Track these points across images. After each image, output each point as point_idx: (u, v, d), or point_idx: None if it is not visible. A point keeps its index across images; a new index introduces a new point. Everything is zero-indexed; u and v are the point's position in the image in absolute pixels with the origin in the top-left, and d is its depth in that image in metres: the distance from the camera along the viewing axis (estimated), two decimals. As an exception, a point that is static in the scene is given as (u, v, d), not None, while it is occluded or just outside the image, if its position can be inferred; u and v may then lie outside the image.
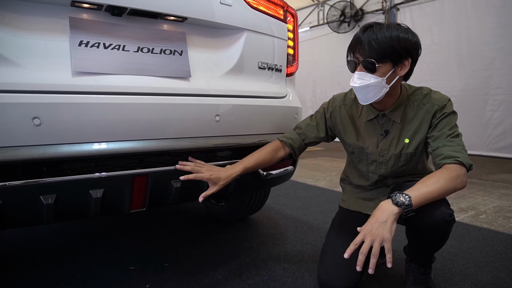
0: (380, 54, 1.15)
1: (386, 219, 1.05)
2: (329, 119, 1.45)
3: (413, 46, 1.18)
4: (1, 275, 1.52)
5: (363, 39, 1.17)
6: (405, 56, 1.17)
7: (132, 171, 1.13)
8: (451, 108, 1.25)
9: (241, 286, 1.43)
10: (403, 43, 1.15)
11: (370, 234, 1.05)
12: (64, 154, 1.01)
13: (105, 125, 1.06)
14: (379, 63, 1.16)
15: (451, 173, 1.12)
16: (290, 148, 1.43)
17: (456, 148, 1.17)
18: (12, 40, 0.97)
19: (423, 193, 1.08)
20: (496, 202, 2.70)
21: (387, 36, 1.14)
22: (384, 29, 1.16)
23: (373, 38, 1.15)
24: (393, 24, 1.19)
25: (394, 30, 1.16)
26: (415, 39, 1.19)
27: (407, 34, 1.17)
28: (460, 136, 1.23)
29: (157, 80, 1.17)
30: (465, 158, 1.15)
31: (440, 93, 1.28)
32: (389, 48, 1.14)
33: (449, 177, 1.11)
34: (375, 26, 1.18)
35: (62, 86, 1.00)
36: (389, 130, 1.31)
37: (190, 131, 1.22)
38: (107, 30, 1.11)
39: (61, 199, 1.05)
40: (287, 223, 2.20)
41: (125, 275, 1.52)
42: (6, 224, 1.03)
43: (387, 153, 1.33)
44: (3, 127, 0.92)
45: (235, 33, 1.38)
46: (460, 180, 1.12)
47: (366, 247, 1.04)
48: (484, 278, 1.48)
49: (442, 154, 1.17)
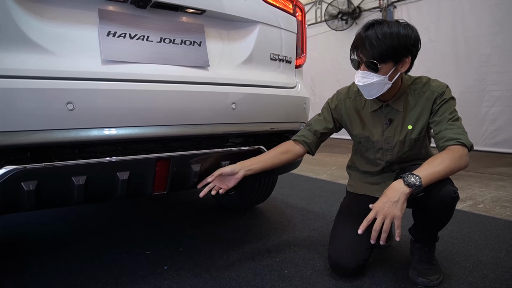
0: (382, 55, 1.22)
1: (398, 198, 1.13)
2: (334, 111, 1.52)
3: (413, 44, 1.24)
4: (23, 260, 1.58)
5: (365, 40, 1.23)
6: (406, 54, 1.25)
7: (155, 155, 1.20)
8: (450, 94, 1.34)
9: (254, 267, 1.50)
10: (404, 42, 1.22)
11: (382, 212, 1.13)
12: (95, 137, 1.08)
13: (132, 111, 1.13)
14: (381, 63, 1.24)
15: (455, 154, 1.20)
16: (305, 145, 1.48)
17: (457, 130, 1.26)
18: (48, 30, 1.03)
19: (431, 173, 1.17)
20: (493, 193, 2.79)
21: (388, 38, 1.20)
22: (385, 29, 1.21)
23: (375, 40, 1.21)
24: (393, 22, 1.24)
25: (394, 30, 1.21)
26: (415, 34, 1.25)
27: (407, 32, 1.22)
28: (460, 119, 1.31)
29: (178, 69, 1.24)
30: (466, 139, 1.24)
31: (438, 80, 1.37)
32: (390, 49, 1.21)
33: (453, 157, 1.20)
34: (377, 26, 1.23)
35: (93, 74, 1.07)
36: (393, 119, 1.39)
37: (209, 118, 1.29)
38: (133, 21, 1.18)
39: (91, 181, 1.11)
40: (293, 211, 2.28)
41: (142, 258, 1.59)
42: (41, 204, 1.09)
43: (392, 140, 1.41)
44: (40, 111, 0.99)
45: (249, 25, 1.45)
46: (463, 160, 1.21)
47: (379, 224, 1.12)
48: (484, 258, 1.57)
49: (445, 137, 1.26)
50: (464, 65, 5.21)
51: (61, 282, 1.38)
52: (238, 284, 1.36)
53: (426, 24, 5.62)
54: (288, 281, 1.38)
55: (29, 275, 1.43)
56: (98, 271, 1.46)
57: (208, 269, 1.48)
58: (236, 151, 1.40)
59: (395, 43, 1.20)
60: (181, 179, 1.33)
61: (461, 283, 1.35)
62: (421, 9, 5.73)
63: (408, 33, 1.22)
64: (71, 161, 1.06)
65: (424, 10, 5.68)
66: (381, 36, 1.21)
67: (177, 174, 1.29)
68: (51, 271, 1.47)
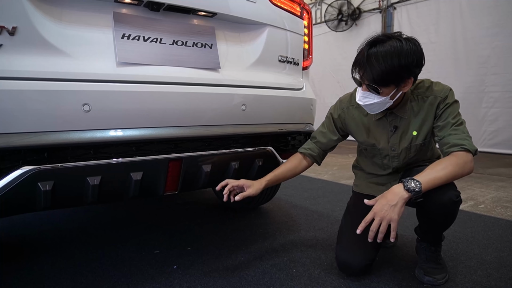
0: (383, 79, 1.20)
1: (396, 202, 1.15)
2: (337, 120, 1.53)
3: (416, 65, 1.20)
4: (33, 258, 1.60)
5: (367, 62, 1.20)
6: (408, 76, 1.23)
7: (168, 156, 1.22)
8: (453, 98, 1.33)
9: (263, 266, 1.52)
10: (406, 65, 1.18)
11: (379, 214, 1.15)
12: (110, 138, 1.10)
13: (145, 112, 1.15)
14: (383, 87, 1.23)
15: (459, 160, 1.21)
16: (311, 157, 1.54)
17: (461, 136, 1.25)
18: (65, 33, 1.05)
19: (432, 179, 1.18)
20: (494, 193, 2.82)
21: (389, 61, 1.16)
22: (387, 51, 1.17)
23: (377, 63, 1.17)
24: (396, 41, 1.19)
25: (397, 51, 1.16)
26: (418, 55, 1.20)
27: (409, 53, 1.18)
28: (463, 123, 1.31)
29: (190, 71, 1.26)
30: (470, 145, 1.23)
31: (441, 84, 1.36)
32: (392, 73, 1.18)
33: (456, 163, 1.20)
34: (379, 46, 1.19)
35: (109, 76, 1.09)
36: (398, 126, 1.39)
37: (220, 119, 1.32)
38: (146, 24, 1.20)
39: (106, 181, 1.13)
40: (297, 211, 2.30)
41: (151, 257, 1.60)
42: (56, 203, 1.11)
43: (398, 147, 1.42)
44: (57, 112, 1.00)
45: (258, 28, 1.47)
46: (467, 166, 1.21)
47: (376, 225, 1.15)
48: (488, 257, 1.60)
49: (449, 143, 1.25)
50: (463, 66, 5.25)
51: (71, 281, 1.39)
52: (247, 282, 1.38)
53: (425, 26, 5.66)
54: (297, 280, 1.40)
55: (39, 274, 1.45)
56: (108, 270, 1.48)
57: (217, 268, 1.49)
58: (246, 152, 1.42)
59: (396, 67, 1.17)
60: (192, 179, 1.35)
61: (466, 282, 1.38)
62: (420, 10, 5.77)
63: (411, 55, 1.18)
64: (87, 162, 1.08)
65: (423, 11, 5.72)
66: (383, 59, 1.17)
67: (188, 174, 1.31)
68: (61, 270, 1.48)
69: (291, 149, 1.66)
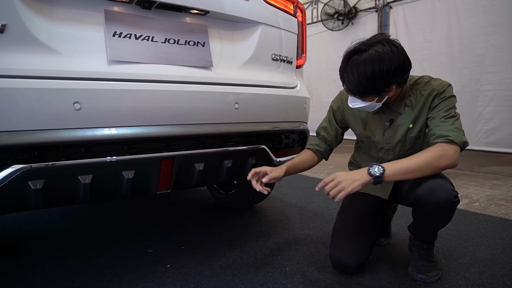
0: (360, 92, 1.24)
1: (358, 180, 1.21)
2: (336, 112, 1.55)
3: (394, 75, 1.20)
4: (26, 259, 1.59)
5: (345, 75, 1.24)
6: (388, 85, 1.23)
7: (160, 154, 1.22)
8: (451, 93, 1.32)
9: (257, 265, 1.52)
10: (382, 78, 1.19)
11: (338, 179, 1.22)
12: (101, 137, 1.09)
13: (137, 110, 1.14)
14: (364, 97, 1.26)
15: (436, 152, 1.20)
16: (318, 153, 1.57)
17: (448, 127, 1.23)
18: (55, 31, 1.05)
19: (399, 168, 1.21)
20: (488, 192, 2.84)
21: (363, 79, 1.19)
22: (361, 68, 1.18)
23: (352, 80, 1.21)
24: (374, 52, 1.18)
25: (369, 67, 1.17)
26: (396, 63, 1.18)
27: (385, 66, 1.17)
28: (456, 116, 1.28)
29: (182, 69, 1.25)
30: (457, 136, 1.21)
31: (441, 79, 1.35)
32: (368, 87, 1.21)
33: (432, 155, 1.20)
34: (356, 58, 1.20)
35: (100, 74, 1.09)
36: (394, 119, 1.40)
37: (212, 117, 1.31)
38: (138, 22, 1.19)
39: (97, 179, 1.12)
40: (292, 210, 2.30)
41: (145, 256, 1.60)
42: (47, 202, 1.10)
43: (393, 140, 1.42)
44: (47, 111, 1.00)
45: (251, 26, 1.47)
46: (447, 158, 1.19)
47: (331, 185, 1.22)
48: (481, 255, 1.60)
49: (435, 134, 1.25)
50: (459, 65, 5.26)
51: (65, 281, 1.39)
52: (240, 281, 1.38)
53: (421, 24, 5.68)
54: (290, 278, 1.40)
55: (32, 273, 1.44)
56: (102, 270, 1.48)
57: (210, 267, 1.49)
58: (239, 150, 1.41)
59: (371, 83, 1.19)
60: (185, 177, 1.34)
61: (459, 279, 1.38)
62: (416, 9, 5.78)
63: (386, 68, 1.17)
64: (77, 160, 1.07)
65: (419, 10, 5.73)
66: (357, 73, 1.19)
67: (181, 173, 1.31)
68: (54, 269, 1.48)
69: (285, 147, 1.67)
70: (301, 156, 1.56)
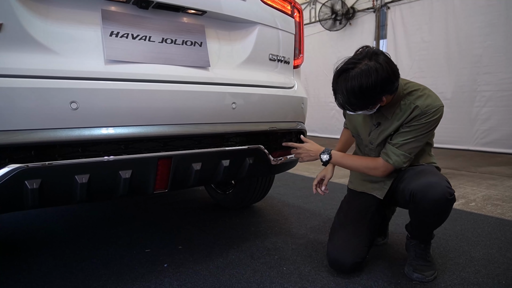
0: (353, 109, 1.30)
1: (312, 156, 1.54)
2: None
3: (381, 89, 1.22)
4: (23, 258, 1.59)
5: (335, 93, 1.30)
6: (377, 99, 1.26)
7: (157, 154, 1.22)
8: (433, 116, 1.30)
9: (254, 264, 1.52)
10: (369, 94, 1.22)
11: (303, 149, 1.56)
12: (98, 136, 1.09)
13: (134, 110, 1.14)
14: (355, 111, 1.32)
15: (372, 164, 1.43)
16: None
17: (398, 152, 1.35)
18: (52, 30, 1.04)
19: (341, 162, 1.51)
20: (484, 192, 2.85)
21: (352, 95, 1.23)
22: (349, 85, 1.22)
23: (341, 96, 1.27)
24: (359, 71, 1.20)
25: (357, 84, 1.20)
26: (382, 77, 1.20)
27: (370, 81, 1.19)
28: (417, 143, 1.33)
29: (179, 69, 1.25)
30: (397, 163, 1.35)
31: (434, 98, 1.32)
32: (358, 103, 1.26)
33: (368, 166, 1.44)
34: (342, 80, 1.24)
35: (97, 73, 1.08)
36: (381, 122, 1.42)
37: (210, 117, 1.31)
38: (135, 22, 1.19)
39: (94, 179, 1.12)
40: (290, 210, 2.31)
41: (142, 256, 1.60)
42: (44, 202, 1.10)
43: (375, 142, 1.46)
44: (44, 110, 1.00)
45: (248, 26, 1.47)
46: (377, 171, 1.42)
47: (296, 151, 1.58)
48: (477, 254, 1.61)
49: (385, 151, 1.39)
50: (456, 65, 5.28)
51: (61, 280, 1.39)
52: (237, 281, 1.38)
53: (419, 25, 5.69)
54: (287, 277, 1.40)
55: (28, 273, 1.44)
56: (98, 269, 1.48)
57: (207, 267, 1.50)
58: (236, 150, 1.42)
59: (360, 100, 1.25)
60: (182, 177, 1.34)
61: (455, 279, 1.39)
62: (414, 9, 5.79)
63: (373, 84, 1.20)
64: (74, 160, 1.07)
65: (417, 10, 5.74)
66: (346, 95, 1.24)
67: (178, 173, 1.31)
68: (51, 269, 1.47)
69: (282, 147, 1.67)
70: (343, 137, 1.75)
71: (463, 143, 5.15)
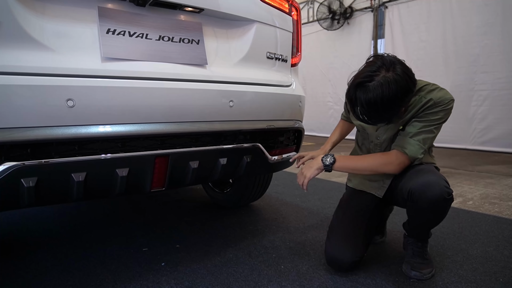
0: (372, 122, 1.26)
1: (313, 167, 1.42)
2: None
3: (402, 99, 1.20)
4: (20, 257, 1.58)
5: (354, 109, 1.25)
6: (398, 109, 1.22)
7: (154, 152, 1.21)
8: (446, 107, 1.30)
9: (251, 263, 1.52)
10: (390, 106, 1.18)
11: (302, 170, 1.47)
12: (95, 134, 1.08)
13: (131, 108, 1.14)
14: (375, 124, 1.32)
15: (386, 159, 1.35)
16: (349, 121, 1.71)
17: (412, 142, 1.30)
18: (49, 28, 1.04)
19: (348, 164, 1.41)
20: (482, 190, 2.86)
21: (371, 109, 1.19)
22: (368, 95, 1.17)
23: (361, 110, 1.21)
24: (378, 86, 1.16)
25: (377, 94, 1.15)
26: (403, 86, 1.17)
27: (391, 92, 1.15)
28: (430, 133, 1.31)
29: (177, 66, 1.25)
30: (412, 152, 1.30)
31: (446, 92, 1.32)
32: (377, 115, 1.22)
33: (380, 162, 1.36)
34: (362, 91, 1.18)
35: (93, 71, 1.08)
36: None
37: (207, 115, 1.31)
38: (132, 19, 1.19)
39: (91, 177, 1.12)
40: (287, 209, 2.30)
41: (139, 255, 1.60)
42: (40, 200, 1.09)
43: (382, 137, 1.45)
44: (40, 108, 0.99)
45: (246, 24, 1.47)
46: (391, 166, 1.34)
47: (299, 176, 1.47)
48: (474, 252, 1.61)
49: (398, 143, 1.35)
50: (453, 64, 5.30)
51: (58, 279, 1.38)
52: (235, 279, 1.38)
53: (416, 24, 5.71)
54: (285, 276, 1.40)
55: (25, 272, 1.43)
56: (96, 268, 1.47)
57: (205, 265, 1.49)
58: (234, 148, 1.41)
59: (379, 113, 1.20)
60: (179, 175, 1.34)
61: (452, 276, 1.39)
62: (411, 9, 5.81)
63: (393, 95, 1.16)
64: (70, 158, 1.07)
65: (414, 10, 5.76)
66: (366, 108, 1.19)
67: (175, 171, 1.30)
68: (47, 268, 1.47)
69: (280, 145, 1.67)
70: (339, 129, 1.75)
71: (460, 142, 5.17)
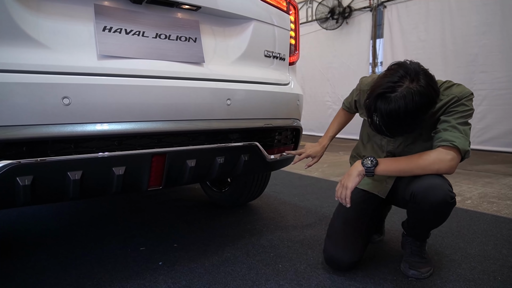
0: (391, 134, 1.24)
1: (353, 173, 1.32)
2: (356, 97, 1.59)
3: (425, 112, 1.17)
4: (17, 257, 1.57)
5: (374, 121, 1.21)
6: (420, 121, 1.19)
7: (151, 150, 1.21)
8: (469, 101, 1.27)
9: (249, 262, 1.51)
10: (412, 119, 1.16)
11: (341, 182, 1.36)
12: (91, 132, 1.08)
13: (127, 106, 1.13)
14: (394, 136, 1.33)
15: (435, 157, 1.22)
16: (351, 111, 1.71)
17: (456, 134, 1.21)
18: (44, 25, 1.03)
19: (391, 165, 1.30)
20: (480, 190, 2.85)
21: (394, 121, 1.16)
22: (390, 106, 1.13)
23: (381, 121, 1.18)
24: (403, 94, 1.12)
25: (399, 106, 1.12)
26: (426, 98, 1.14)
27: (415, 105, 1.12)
28: (467, 125, 1.25)
29: (173, 64, 1.24)
30: (462, 144, 1.20)
31: (464, 86, 1.29)
32: (398, 128, 1.19)
33: (429, 160, 1.23)
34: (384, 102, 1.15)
35: (89, 69, 1.07)
36: None
37: (205, 114, 1.30)
38: (128, 17, 1.18)
39: (87, 176, 1.11)
40: (286, 208, 2.30)
41: (137, 254, 1.59)
42: (36, 199, 1.09)
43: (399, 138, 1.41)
44: (36, 105, 0.98)
45: (243, 22, 1.46)
46: (442, 164, 1.21)
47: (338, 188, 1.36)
48: (472, 251, 1.61)
49: (440, 138, 1.23)
50: (452, 64, 5.30)
51: (55, 279, 1.37)
52: (233, 278, 1.37)
53: (415, 24, 5.71)
54: (283, 275, 1.40)
55: (22, 272, 1.42)
56: (93, 268, 1.46)
57: (203, 264, 1.49)
58: (231, 147, 1.41)
59: (400, 126, 1.18)
60: (177, 174, 1.33)
61: (451, 275, 1.39)
62: (410, 9, 5.81)
63: (416, 107, 1.13)
64: (66, 156, 1.06)
65: (413, 10, 5.76)
66: (387, 119, 1.16)
67: (173, 169, 1.30)
68: (44, 268, 1.46)
69: (278, 144, 1.66)
70: (339, 118, 1.73)
71: (459, 142, 5.18)
